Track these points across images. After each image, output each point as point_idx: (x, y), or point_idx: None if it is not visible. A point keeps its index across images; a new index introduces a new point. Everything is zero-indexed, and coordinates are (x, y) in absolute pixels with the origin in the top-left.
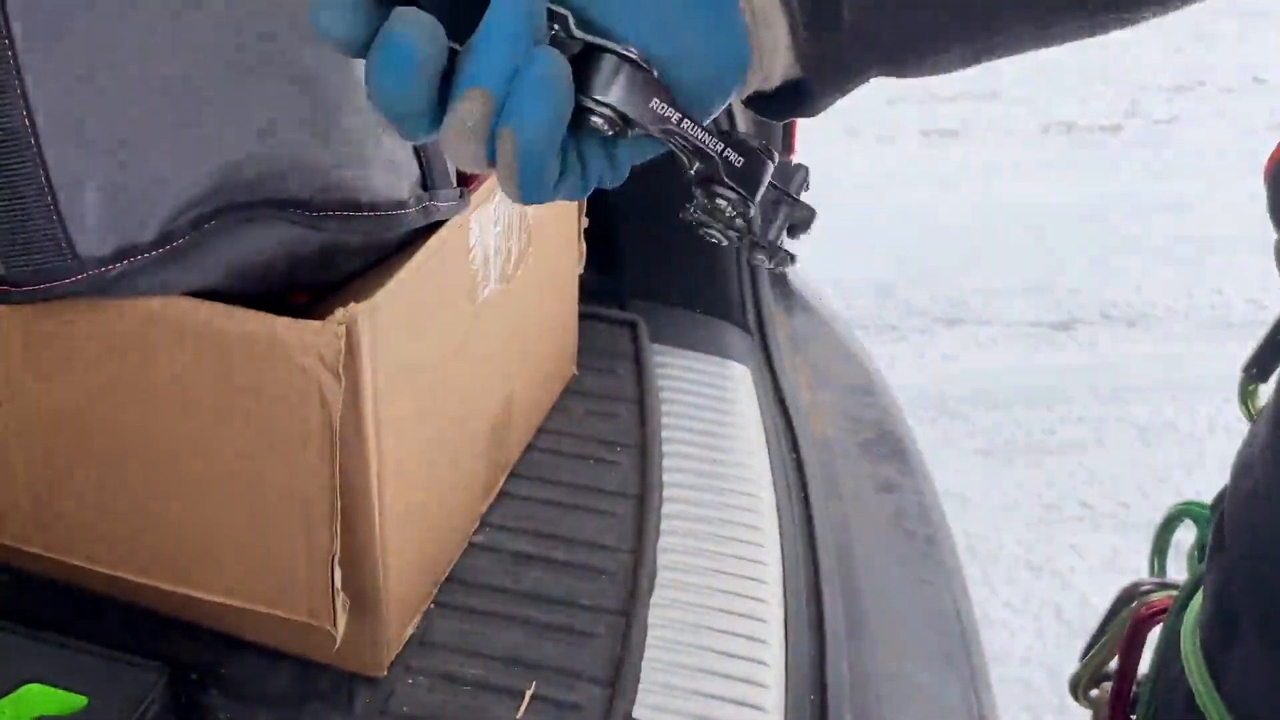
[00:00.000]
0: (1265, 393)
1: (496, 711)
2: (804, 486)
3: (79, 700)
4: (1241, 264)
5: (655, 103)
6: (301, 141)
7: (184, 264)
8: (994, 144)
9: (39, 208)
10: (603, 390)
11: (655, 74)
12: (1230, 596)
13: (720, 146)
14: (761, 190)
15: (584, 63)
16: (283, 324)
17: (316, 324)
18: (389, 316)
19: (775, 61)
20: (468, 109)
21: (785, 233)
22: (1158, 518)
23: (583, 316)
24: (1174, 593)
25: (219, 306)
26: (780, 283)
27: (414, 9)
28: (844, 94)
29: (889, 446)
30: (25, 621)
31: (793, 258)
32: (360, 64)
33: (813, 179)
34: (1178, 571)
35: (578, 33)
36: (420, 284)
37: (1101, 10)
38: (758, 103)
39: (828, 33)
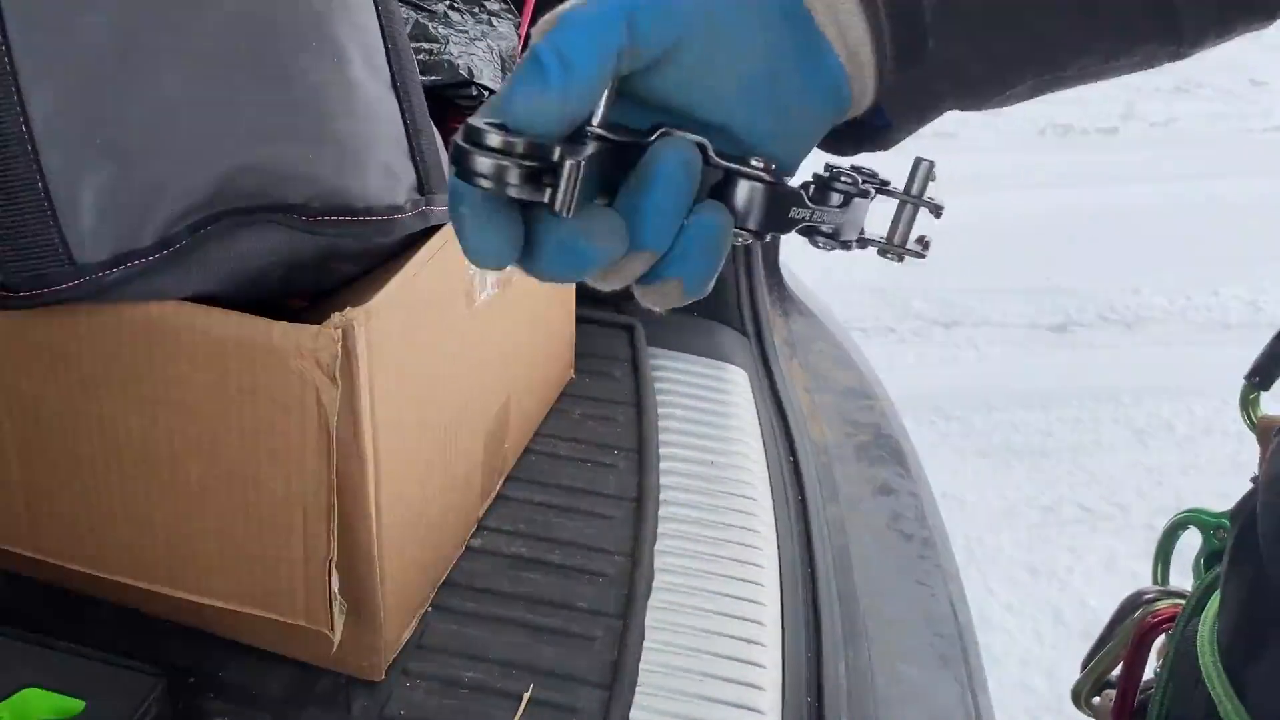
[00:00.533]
0: (1266, 401)
1: (494, 715)
2: (801, 489)
3: (76, 705)
4: (1239, 266)
5: (794, 210)
6: (298, 147)
7: (181, 269)
8: (991, 146)
9: (36, 213)
10: (600, 394)
11: (785, 182)
12: (1259, 609)
13: (838, 217)
14: (859, 229)
15: (723, 188)
16: (279, 329)
17: (313, 328)
18: (385, 321)
19: (862, 103)
20: (633, 268)
21: (910, 232)
22: (1156, 520)
23: (580, 320)
24: (1179, 601)
25: (215, 311)
26: (777, 286)
27: (593, 220)
28: (921, 126)
29: (886, 449)
30: (23, 626)
31: (925, 249)
32: (358, 71)
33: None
34: (1176, 578)
35: (716, 160)
36: (417, 288)
37: (1164, 42)
38: (828, 139)
39: (913, 67)
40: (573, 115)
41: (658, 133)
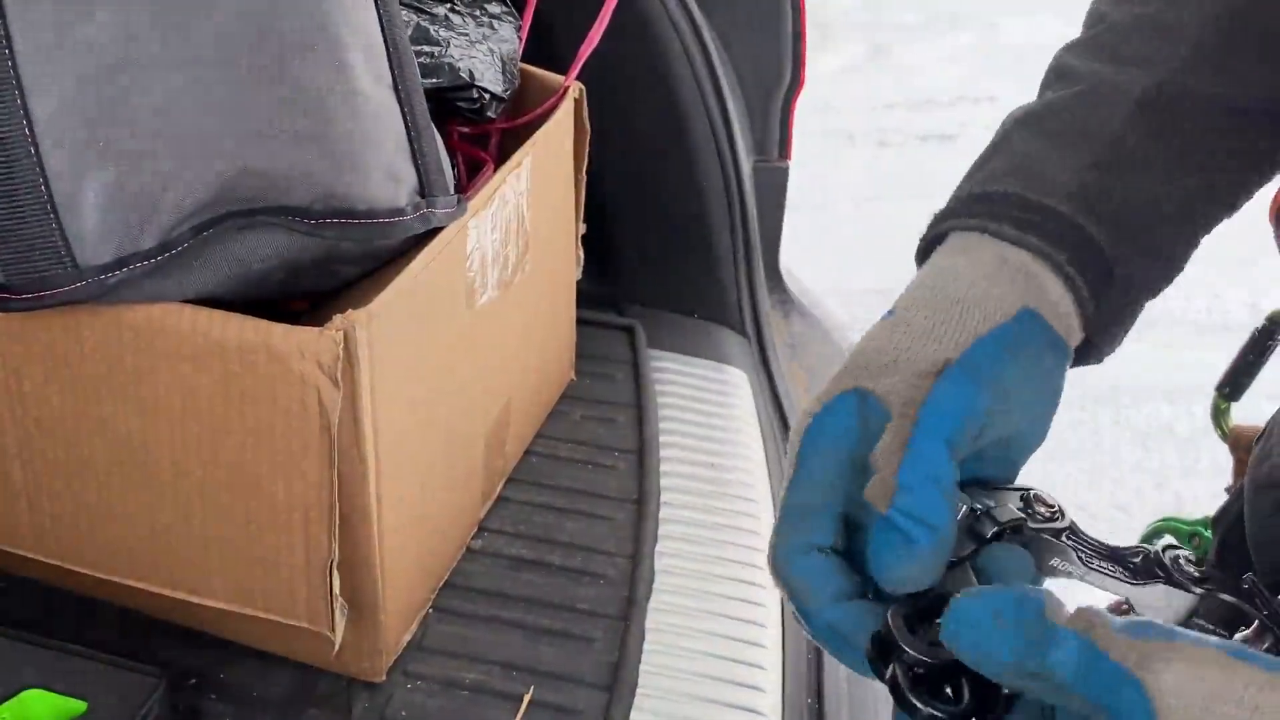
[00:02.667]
0: (1236, 412)
1: (495, 716)
2: None
3: (78, 706)
4: (1240, 268)
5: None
6: (300, 150)
7: (183, 272)
8: None
9: (38, 215)
10: (600, 395)
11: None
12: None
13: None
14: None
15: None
16: (280, 331)
17: (314, 331)
18: (387, 323)
19: (1072, 343)
20: None
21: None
22: (1155, 520)
23: (580, 322)
24: None
25: (217, 314)
26: (778, 288)
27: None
28: (1125, 335)
29: None
30: (24, 627)
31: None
32: (360, 74)
33: (812, 184)
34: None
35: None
36: (418, 291)
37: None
38: None
39: (1106, 297)
40: (942, 564)
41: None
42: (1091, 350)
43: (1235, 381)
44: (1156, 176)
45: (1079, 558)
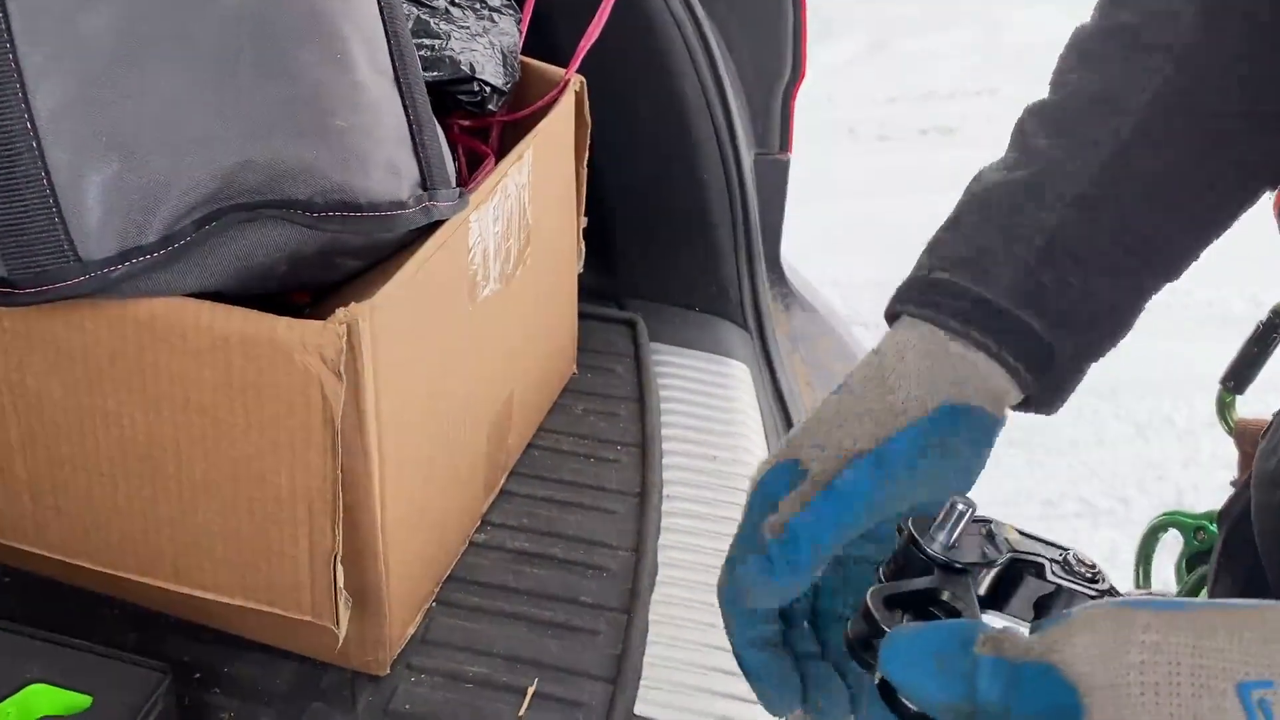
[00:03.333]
0: (1241, 405)
1: (499, 709)
2: None
3: (83, 700)
4: (1241, 260)
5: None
6: (302, 143)
7: (186, 265)
8: (992, 141)
9: (41, 210)
10: (602, 389)
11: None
12: None
13: None
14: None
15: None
16: (283, 324)
17: (317, 324)
18: (389, 316)
19: (1008, 412)
20: None
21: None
22: (1156, 513)
23: (582, 316)
24: None
25: (220, 307)
26: (779, 281)
27: None
28: (1072, 391)
29: None
30: (28, 622)
31: None
32: (361, 67)
33: (813, 178)
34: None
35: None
36: (420, 284)
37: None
38: None
39: (1047, 373)
40: (785, 602)
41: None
42: (1037, 409)
43: (1240, 374)
44: (1097, 266)
45: None
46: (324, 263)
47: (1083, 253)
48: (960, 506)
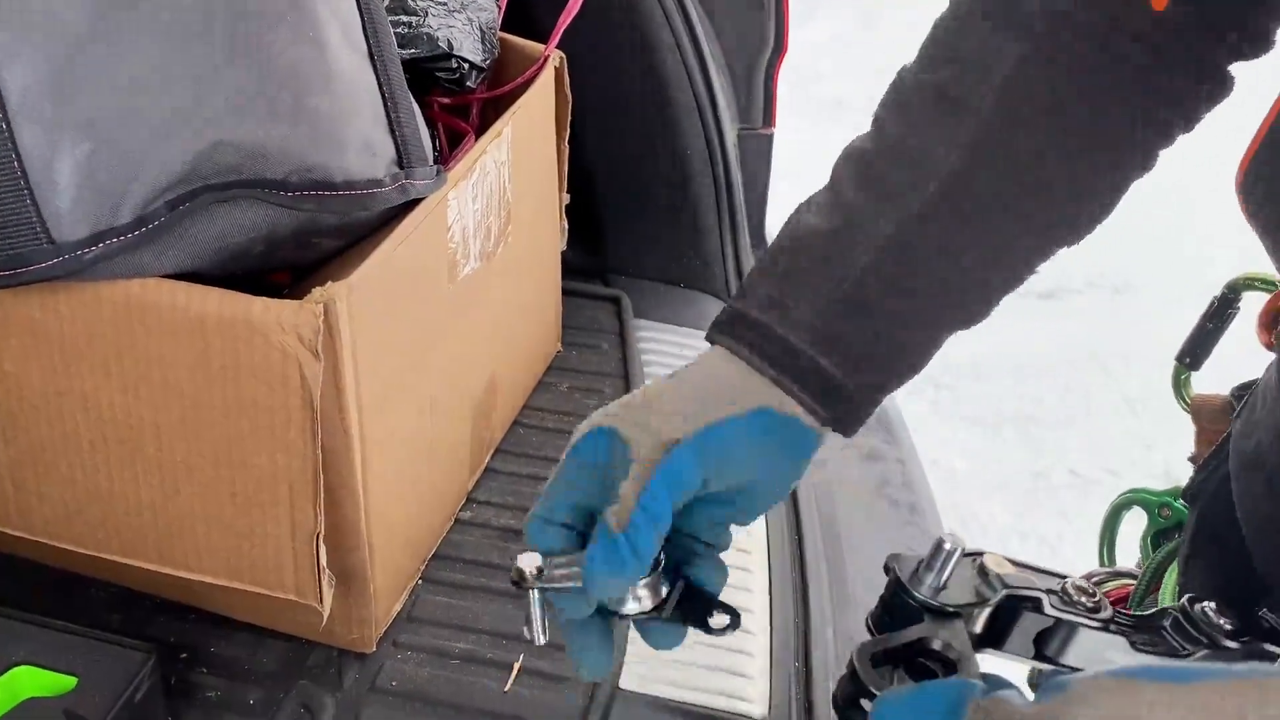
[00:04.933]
0: (1197, 381)
1: (485, 684)
2: None
3: (68, 681)
4: (1229, 232)
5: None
6: (275, 123)
7: (160, 246)
8: None
9: (13, 192)
10: (587, 366)
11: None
12: (1240, 591)
13: None
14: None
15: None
16: (260, 304)
17: (294, 304)
18: (367, 295)
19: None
20: None
21: None
22: (1146, 484)
23: (566, 293)
24: (1128, 581)
25: (196, 288)
26: None
27: None
28: (869, 416)
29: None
30: (13, 604)
31: None
32: (335, 45)
33: (801, 153)
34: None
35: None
36: (398, 262)
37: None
38: None
39: (842, 404)
40: (632, 583)
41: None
42: (835, 428)
43: (1195, 350)
44: (892, 317)
45: (1129, 644)
46: (301, 243)
47: (879, 304)
48: (948, 546)
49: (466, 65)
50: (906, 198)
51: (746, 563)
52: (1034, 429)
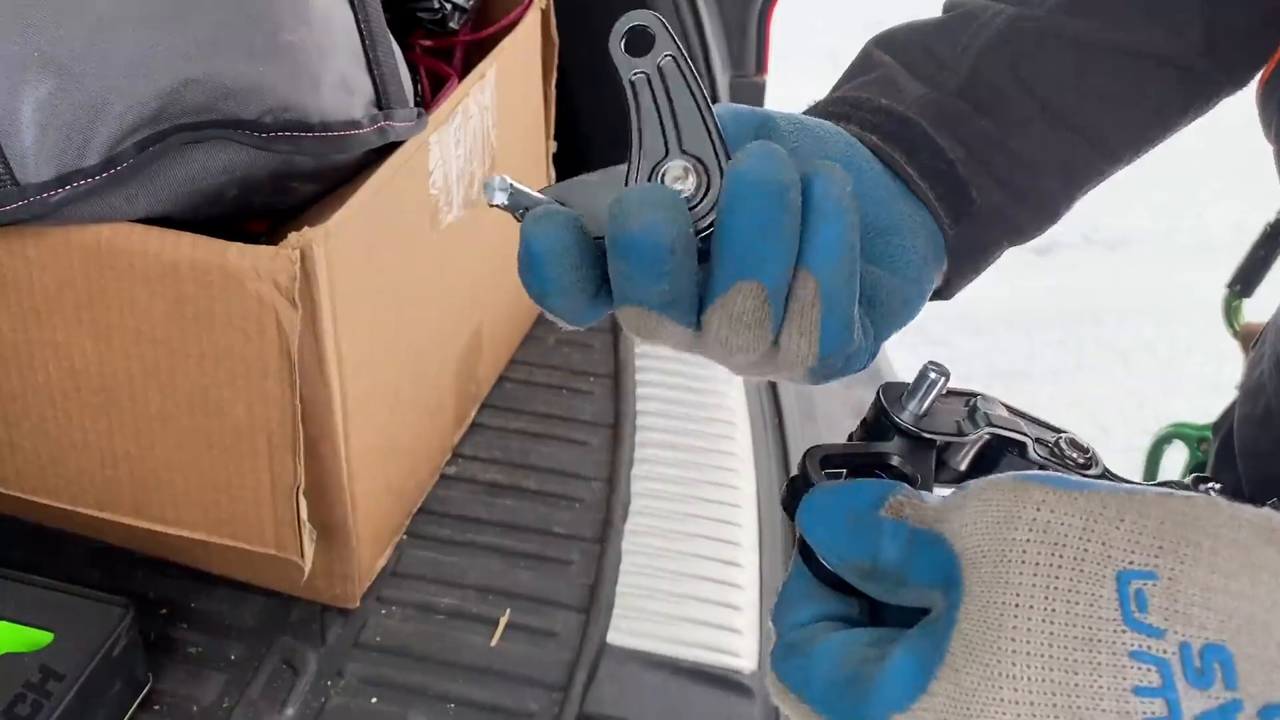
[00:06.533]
0: (1249, 309)
1: (471, 640)
2: (778, 411)
3: (44, 636)
4: (1224, 189)
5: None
6: (248, 59)
7: (130, 189)
8: None
9: None
10: None
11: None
12: None
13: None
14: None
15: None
16: (234, 250)
17: (270, 249)
18: (345, 242)
19: None
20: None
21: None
22: (1137, 440)
23: None
24: None
25: (168, 233)
26: None
27: None
28: (978, 275)
29: (864, 371)
30: None
31: None
32: None
33: (794, 104)
34: None
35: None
36: (378, 208)
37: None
38: None
39: (964, 219)
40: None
41: None
42: (941, 284)
43: (1247, 278)
44: (1013, 120)
45: None
46: (277, 187)
47: (1002, 97)
48: (933, 374)
49: (449, 5)
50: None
51: (734, 516)
52: (1026, 384)
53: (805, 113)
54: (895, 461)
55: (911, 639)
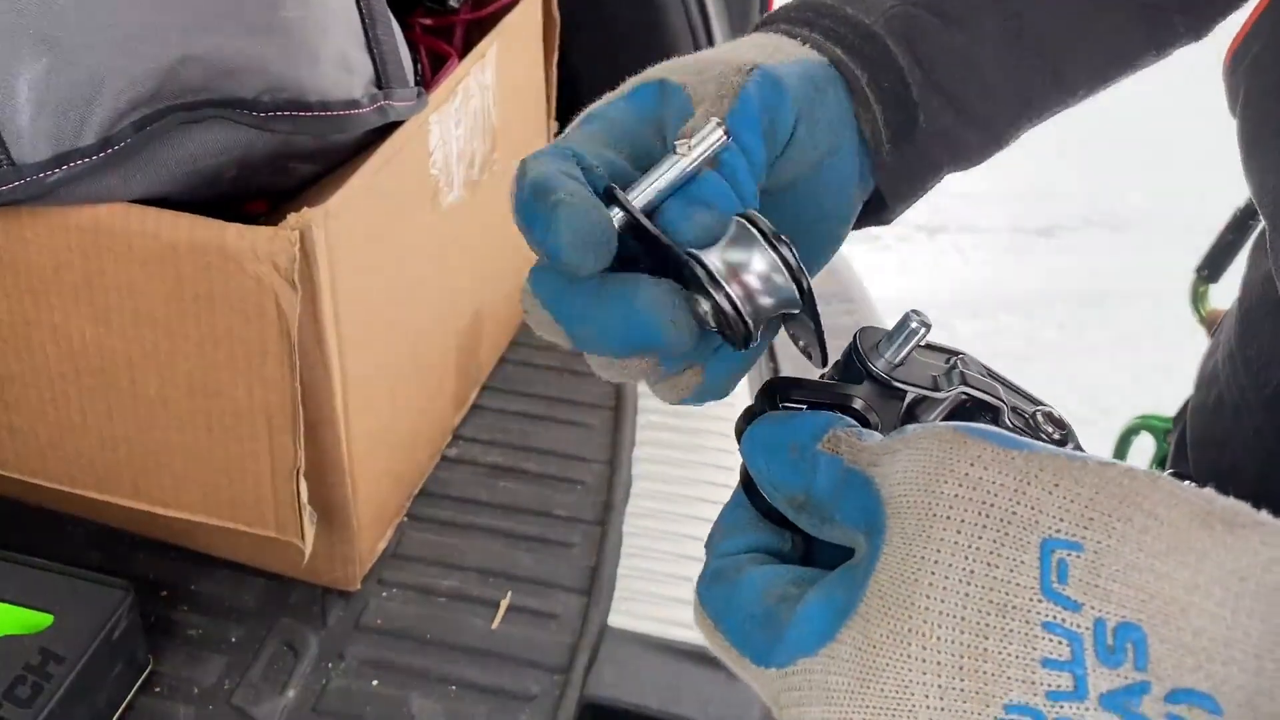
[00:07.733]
0: (1215, 294)
1: (472, 622)
2: None
3: (44, 619)
4: (1224, 170)
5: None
6: (246, 37)
7: (127, 169)
8: None
9: None
10: None
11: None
12: None
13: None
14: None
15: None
16: (233, 231)
17: (269, 230)
18: (345, 222)
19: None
20: None
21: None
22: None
23: None
24: None
25: (166, 214)
26: None
27: None
28: (917, 199)
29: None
30: None
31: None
32: None
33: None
34: None
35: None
36: (378, 189)
37: (1154, 46)
38: None
39: (907, 144)
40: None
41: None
42: (878, 206)
43: (1215, 262)
44: (980, 35)
45: None
46: (276, 167)
47: (974, 12)
48: (914, 323)
49: None
50: None
51: (729, 496)
52: (1027, 367)
53: (772, 14)
54: (858, 405)
55: (829, 583)
